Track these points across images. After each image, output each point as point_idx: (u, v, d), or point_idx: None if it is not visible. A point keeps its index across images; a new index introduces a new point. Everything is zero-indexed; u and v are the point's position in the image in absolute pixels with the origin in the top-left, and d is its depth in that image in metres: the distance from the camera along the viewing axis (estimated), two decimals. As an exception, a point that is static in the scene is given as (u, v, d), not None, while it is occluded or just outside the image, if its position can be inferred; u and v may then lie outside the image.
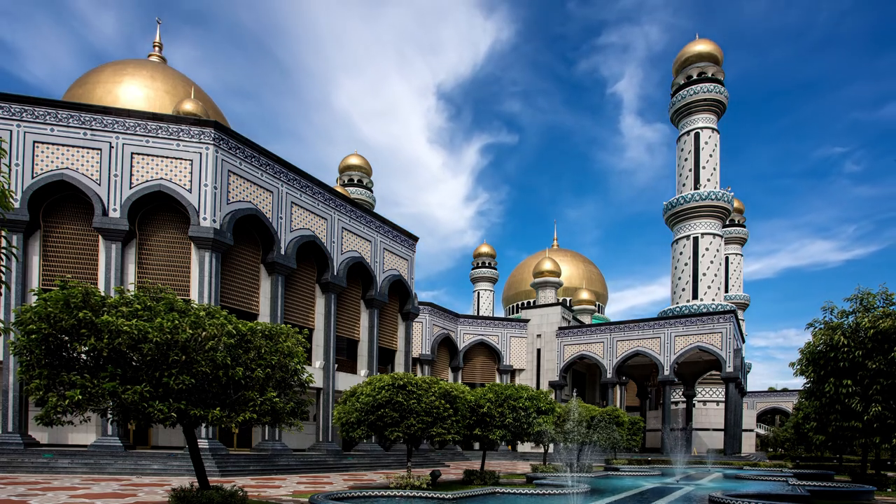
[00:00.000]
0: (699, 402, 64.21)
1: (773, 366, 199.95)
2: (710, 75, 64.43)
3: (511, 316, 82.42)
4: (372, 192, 75.66)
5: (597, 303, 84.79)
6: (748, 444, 61.65)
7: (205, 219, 25.25)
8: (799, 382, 70.56)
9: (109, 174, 24.58)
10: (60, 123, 24.21)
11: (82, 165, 24.37)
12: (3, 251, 8.71)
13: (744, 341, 60.97)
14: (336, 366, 33.57)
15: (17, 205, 23.07)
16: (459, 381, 52.66)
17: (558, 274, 66.69)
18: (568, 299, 79.33)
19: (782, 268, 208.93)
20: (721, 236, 65.35)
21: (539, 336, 58.85)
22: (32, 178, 23.78)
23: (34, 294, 10.03)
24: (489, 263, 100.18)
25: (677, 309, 63.75)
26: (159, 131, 25.23)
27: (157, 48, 47.63)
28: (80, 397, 9.26)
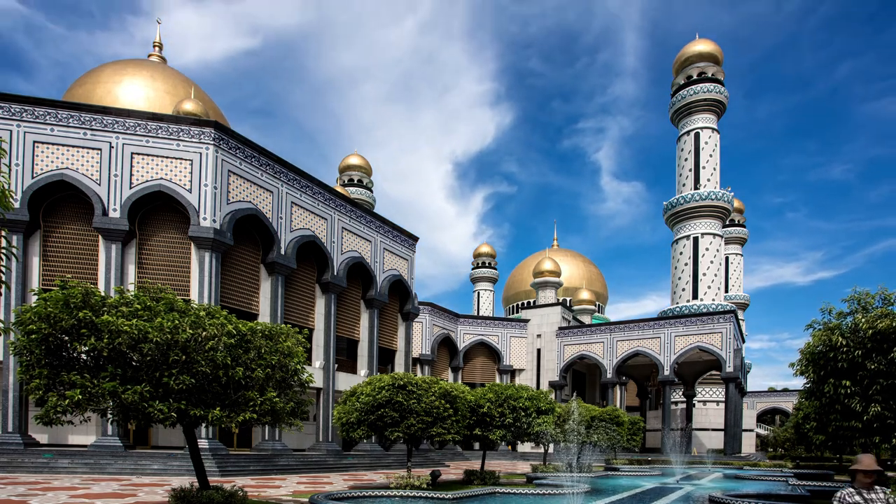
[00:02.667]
0: (699, 402, 64.21)
1: (766, 368, 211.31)
2: (710, 75, 64.43)
3: (511, 316, 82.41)
4: (372, 192, 75.58)
5: (597, 303, 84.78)
6: (748, 444, 61.64)
7: (205, 219, 25.26)
8: (799, 382, 70.62)
9: (109, 174, 24.58)
10: (60, 123, 24.21)
11: (82, 165, 24.38)
12: (3, 251, 8.72)
13: (744, 341, 60.98)
14: (336, 366, 33.58)
15: (17, 205, 23.07)
16: (459, 381, 52.65)
17: (558, 274, 66.69)
18: (568, 299, 79.33)
19: (755, 288, 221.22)
20: (721, 236, 65.37)
21: (539, 336, 58.85)
22: (32, 178, 23.79)
23: (34, 294, 10.03)
24: (489, 263, 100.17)
25: (677, 309, 63.76)
26: (159, 131, 25.24)
27: (157, 48, 47.65)
28: (80, 397, 9.27)
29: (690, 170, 65.47)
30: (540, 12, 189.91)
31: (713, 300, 63.13)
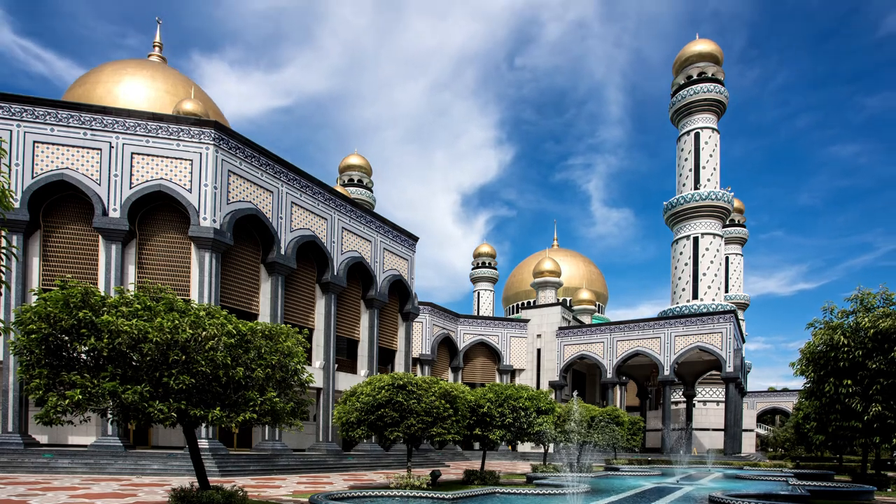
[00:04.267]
0: (699, 402, 64.20)
1: (763, 370, 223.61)
2: (710, 75, 64.41)
3: (511, 316, 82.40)
4: (372, 192, 75.52)
5: (597, 303, 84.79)
6: (748, 444, 61.62)
7: (205, 219, 25.25)
8: (799, 382, 70.60)
9: (109, 174, 24.57)
10: (60, 123, 24.21)
11: (82, 165, 24.37)
12: (3, 251, 8.72)
13: (744, 341, 60.97)
14: (336, 366, 33.57)
15: (17, 205, 23.07)
16: (459, 381, 52.65)
17: (558, 274, 66.69)
18: (568, 299, 79.33)
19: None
20: (721, 236, 65.36)
21: (539, 336, 58.85)
22: (32, 178, 23.78)
23: (34, 294, 10.03)
24: (489, 263, 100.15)
25: (677, 309, 63.75)
26: (159, 131, 25.23)
27: (157, 48, 47.65)
28: (80, 397, 9.26)
29: (690, 170, 65.46)
30: (532, 77, 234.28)
31: (713, 300, 63.12)
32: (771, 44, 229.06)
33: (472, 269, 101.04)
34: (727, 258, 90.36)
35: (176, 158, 25.33)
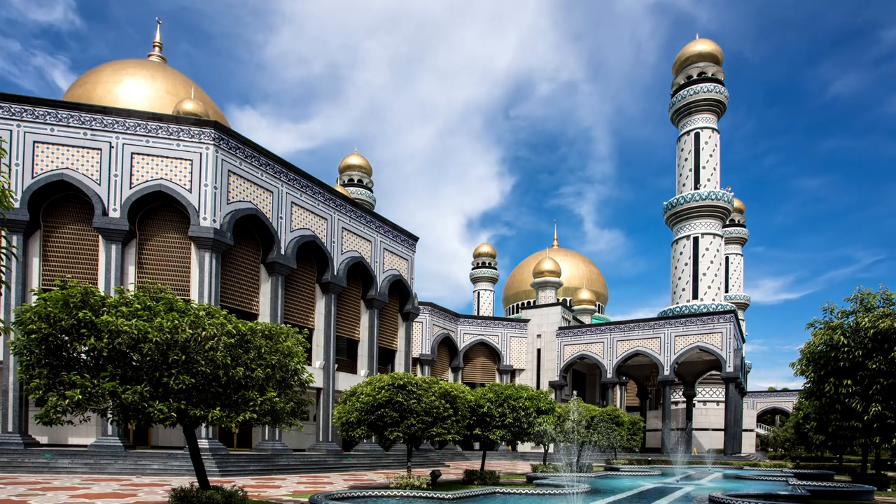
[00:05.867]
0: (699, 402, 64.20)
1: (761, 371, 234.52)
2: (710, 75, 64.40)
3: (511, 316, 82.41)
4: (372, 191, 75.51)
5: (597, 303, 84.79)
6: (748, 444, 61.63)
7: (205, 219, 25.25)
8: (799, 382, 70.61)
9: (109, 174, 24.58)
10: (60, 123, 24.21)
11: (82, 165, 24.37)
12: (3, 251, 8.72)
13: (744, 341, 60.97)
14: (336, 366, 33.58)
15: (17, 205, 23.07)
16: (459, 381, 52.64)
17: (558, 274, 66.68)
18: (568, 299, 79.33)
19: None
20: (721, 236, 65.36)
21: (539, 336, 58.85)
22: (32, 178, 23.79)
23: (34, 294, 10.03)
24: (489, 263, 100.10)
25: (677, 309, 63.74)
26: (159, 131, 25.23)
27: (157, 48, 47.65)
28: (80, 397, 9.26)
29: (690, 170, 65.45)
30: (527, 125, 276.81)
31: (713, 300, 63.12)
32: (740, 99, 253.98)
33: (472, 268, 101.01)
34: (727, 258, 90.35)
35: (176, 158, 25.33)
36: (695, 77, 64.77)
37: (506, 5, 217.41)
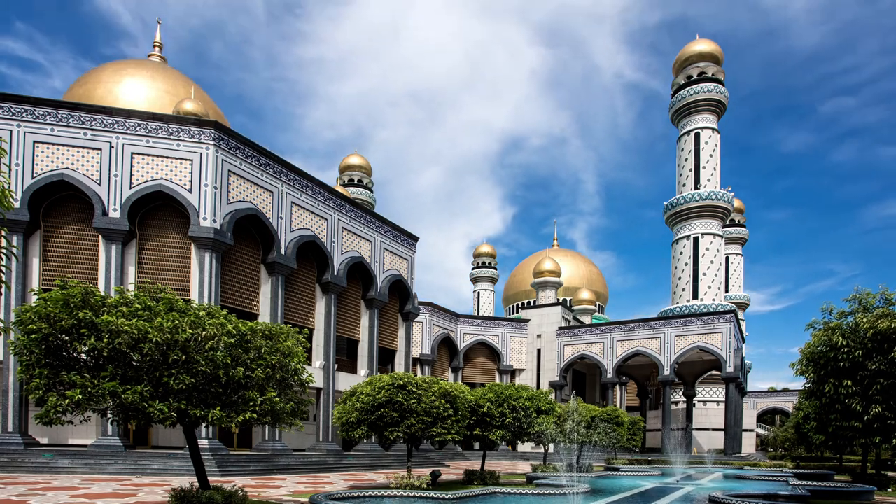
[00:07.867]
0: (699, 402, 64.18)
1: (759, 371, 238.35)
2: (710, 75, 64.38)
3: (511, 316, 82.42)
4: (372, 191, 75.51)
5: (597, 303, 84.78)
6: (748, 444, 61.60)
7: (205, 219, 25.26)
8: (799, 383, 70.53)
9: (109, 174, 24.58)
10: (60, 123, 24.21)
11: (82, 165, 24.38)
12: (3, 251, 8.72)
13: (744, 341, 60.97)
14: (336, 366, 33.58)
15: (17, 205, 23.07)
16: (459, 381, 52.65)
17: (558, 274, 66.68)
18: (568, 299, 79.32)
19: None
20: (721, 236, 65.35)
21: (539, 336, 58.85)
22: (32, 178, 23.79)
23: (34, 294, 10.03)
24: (489, 263, 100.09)
25: (677, 309, 63.73)
26: (159, 131, 25.24)
27: (157, 48, 47.65)
28: (80, 397, 9.26)
29: (690, 170, 65.44)
30: (524, 172, 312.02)
31: (713, 300, 63.11)
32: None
33: (472, 269, 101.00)
34: (727, 258, 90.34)
35: (176, 158, 25.33)
36: (695, 77, 64.75)
37: (502, 78, 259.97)
